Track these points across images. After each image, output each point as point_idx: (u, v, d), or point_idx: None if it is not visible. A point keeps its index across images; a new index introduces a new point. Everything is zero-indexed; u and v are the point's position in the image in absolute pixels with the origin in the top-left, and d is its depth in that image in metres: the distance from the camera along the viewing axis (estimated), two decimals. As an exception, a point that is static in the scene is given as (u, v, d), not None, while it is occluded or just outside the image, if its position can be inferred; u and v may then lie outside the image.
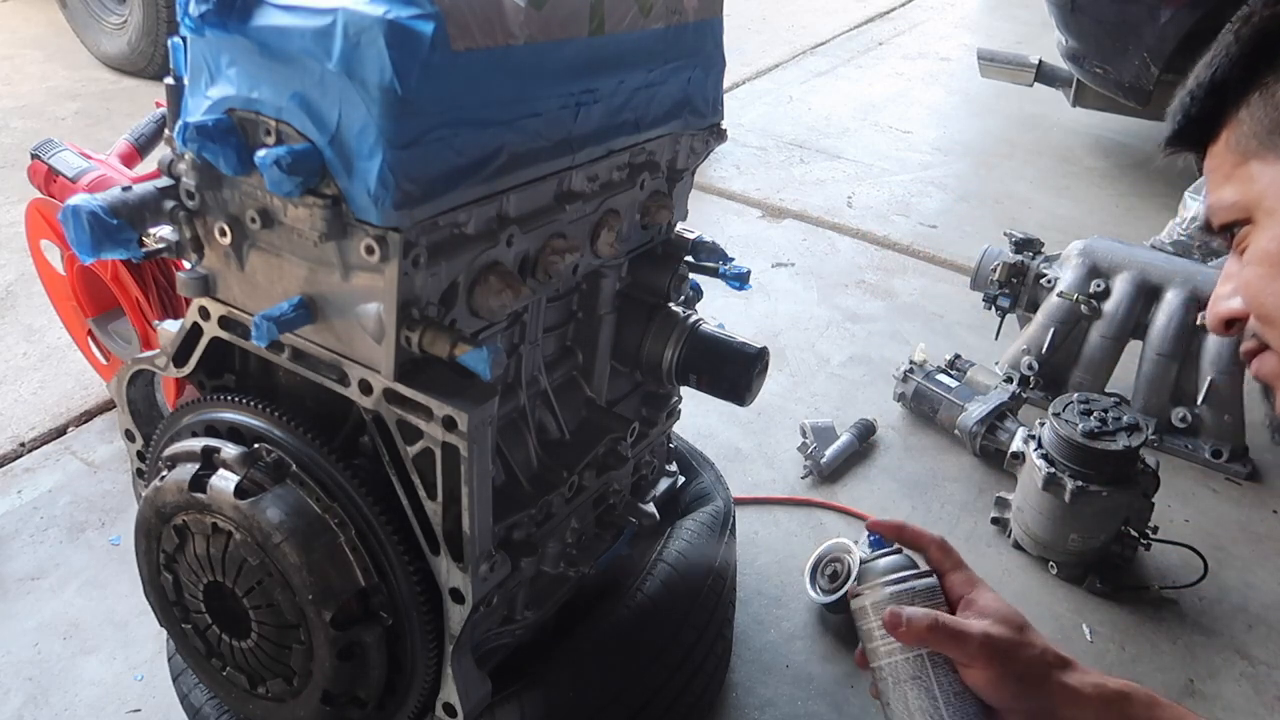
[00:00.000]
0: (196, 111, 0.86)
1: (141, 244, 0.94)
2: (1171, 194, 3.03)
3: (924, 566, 0.89)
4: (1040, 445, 1.77)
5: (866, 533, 0.93)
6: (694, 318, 1.27)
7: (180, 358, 1.06)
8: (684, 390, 1.36)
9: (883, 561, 0.89)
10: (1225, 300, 0.75)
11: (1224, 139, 0.72)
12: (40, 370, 2.21)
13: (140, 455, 1.18)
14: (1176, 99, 0.76)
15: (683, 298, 1.30)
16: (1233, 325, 0.75)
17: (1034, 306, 2.30)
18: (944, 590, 0.87)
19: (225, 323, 1.00)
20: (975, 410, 2.07)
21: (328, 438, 0.98)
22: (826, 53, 5.07)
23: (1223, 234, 0.74)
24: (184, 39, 0.88)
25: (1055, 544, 1.77)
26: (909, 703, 0.82)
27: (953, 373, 2.21)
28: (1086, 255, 2.23)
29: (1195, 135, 0.75)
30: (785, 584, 1.74)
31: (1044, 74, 3.61)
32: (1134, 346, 2.21)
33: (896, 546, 0.91)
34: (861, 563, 0.92)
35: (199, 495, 0.95)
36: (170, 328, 1.06)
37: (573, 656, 1.18)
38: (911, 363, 2.23)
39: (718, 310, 2.49)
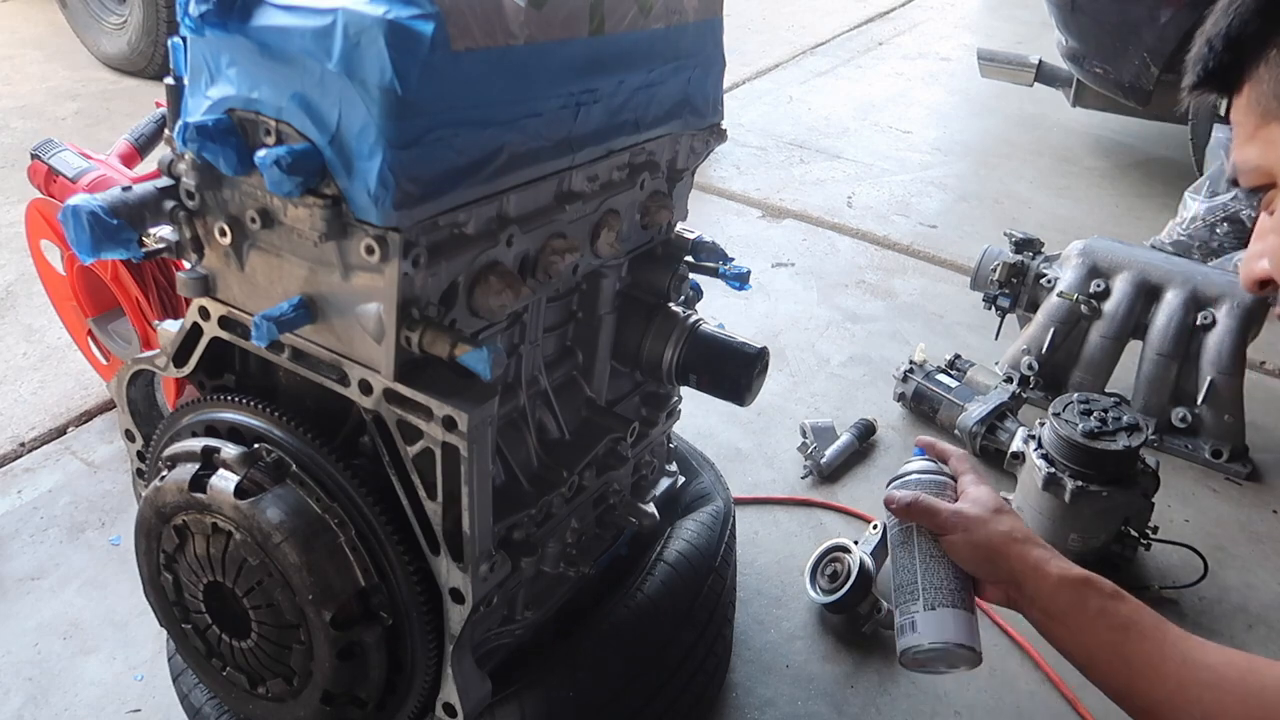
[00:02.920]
0: (196, 111, 0.86)
1: (141, 244, 0.94)
2: (1171, 194, 3.03)
3: (945, 470, 1.06)
4: (1040, 445, 1.77)
5: (914, 447, 1.11)
6: (694, 318, 1.27)
7: (180, 358, 1.06)
8: (684, 390, 1.36)
9: (912, 464, 1.07)
10: (1257, 260, 0.75)
11: (1246, 93, 0.70)
12: (40, 370, 2.21)
13: (140, 455, 1.18)
14: (1195, 46, 0.73)
15: (683, 298, 1.30)
16: (1265, 285, 0.76)
17: (1034, 306, 2.30)
18: (956, 487, 1.03)
19: (225, 323, 1.00)
20: (975, 410, 2.07)
21: (328, 438, 0.98)
22: (826, 53, 5.07)
23: (1250, 194, 0.74)
24: (184, 39, 0.88)
25: (1055, 544, 1.73)
26: (897, 563, 1.01)
27: (953, 373, 2.21)
28: (1086, 255, 2.23)
29: (1216, 86, 0.73)
30: (785, 584, 1.74)
31: (1044, 74, 3.61)
32: (1134, 346, 2.21)
33: (930, 457, 1.08)
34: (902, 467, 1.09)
35: (199, 495, 0.95)
36: (170, 328, 1.06)
37: (573, 656, 1.18)
38: (911, 363, 2.23)
39: (718, 310, 2.50)
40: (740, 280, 1.31)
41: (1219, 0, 0.71)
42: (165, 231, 0.96)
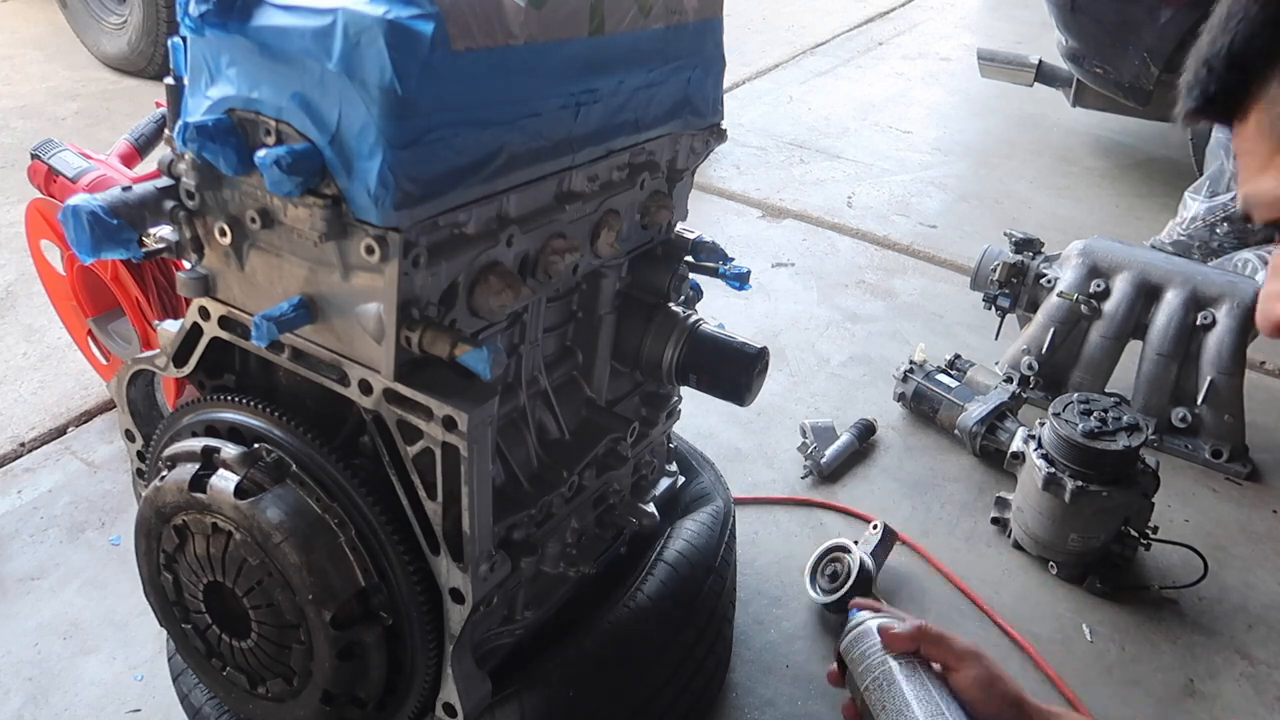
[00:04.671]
0: (196, 111, 0.86)
1: (141, 244, 0.94)
2: (1171, 194, 3.03)
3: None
4: (1040, 445, 1.77)
5: (849, 609, 1.02)
6: (694, 318, 1.27)
7: (180, 358, 1.06)
8: (684, 390, 1.36)
9: (861, 615, 0.99)
10: (1278, 300, 0.66)
11: (1254, 119, 0.61)
12: (40, 370, 2.21)
13: (140, 455, 1.18)
14: (1190, 68, 0.64)
15: (683, 298, 1.30)
16: None
17: (1034, 306, 2.30)
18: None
19: (225, 323, 1.00)
20: (975, 410, 2.07)
21: (328, 438, 0.98)
22: (826, 53, 5.07)
23: (1265, 227, 0.65)
24: (184, 39, 0.88)
25: (1055, 544, 1.77)
26: (904, 694, 0.88)
27: (953, 373, 2.21)
28: (1086, 255, 2.23)
29: (1218, 113, 0.64)
30: (785, 584, 1.74)
31: (1044, 74, 3.61)
32: (1134, 346, 2.21)
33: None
34: (845, 632, 1.00)
35: (199, 495, 0.95)
36: (170, 328, 1.06)
37: (573, 656, 1.18)
38: (911, 363, 2.23)
39: (718, 310, 2.49)
40: (740, 280, 1.31)
41: (1214, 16, 0.62)
42: (165, 231, 0.96)
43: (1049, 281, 2.27)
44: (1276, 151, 0.60)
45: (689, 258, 1.31)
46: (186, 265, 0.99)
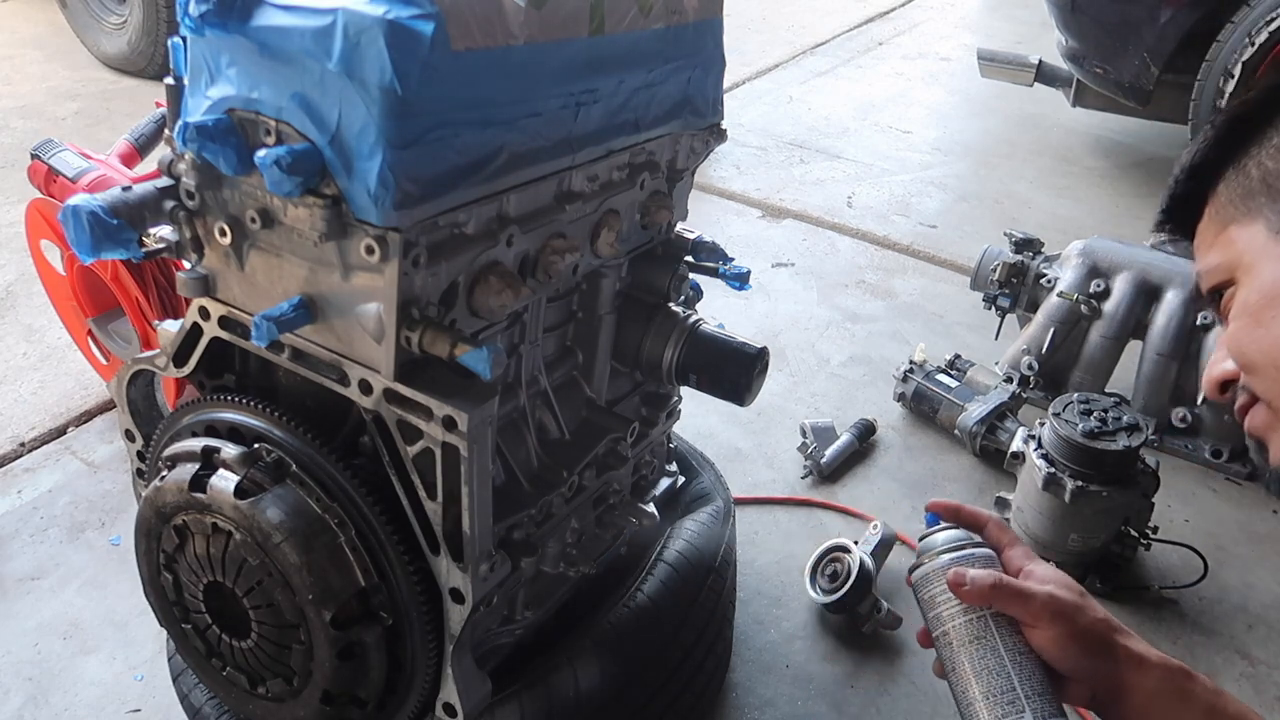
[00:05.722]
0: (196, 111, 0.86)
1: (141, 244, 0.94)
2: (1171, 194, 3.02)
3: (980, 540, 0.91)
4: (1040, 445, 1.77)
5: (926, 512, 0.95)
6: (694, 318, 1.27)
7: (180, 358, 1.06)
8: (684, 390, 1.36)
9: (942, 535, 0.90)
10: (1219, 364, 0.78)
11: (1207, 214, 0.79)
12: (40, 370, 2.21)
13: (140, 455, 1.18)
14: (1166, 187, 0.84)
15: (683, 298, 1.30)
16: (1227, 388, 0.78)
17: (1034, 306, 2.30)
18: (1002, 564, 0.89)
19: (225, 323, 1.00)
20: (975, 410, 2.07)
21: (328, 438, 0.98)
22: (826, 53, 5.07)
23: (1212, 301, 0.78)
24: (184, 39, 0.88)
25: (1055, 544, 1.77)
26: (975, 663, 0.82)
27: (953, 373, 2.21)
28: (1086, 255, 2.23)
29: (1182, 215, 0.82)
30: (785, 584, 1.74)
31: (1044, 74, 3.61)
32: (1134, 346, 2.21)
33: (950, 524, 0.92)
34: (921, 538, 0.92)
35: (199, 495, 0.95)
36: (170, 328, 1.06)
37: (573, 656, 1.18)
38: (911, 363, 2.23)
39: (718, 310, 2.50)
40: (740, 280, 1.31)
41: (1187, 148, 0.82)
42: (165, 231, 0.96)
43: (1049, 281, 2.27)
44: (1219, 232, 0.77)
45: (689, 258, 1.31)
46: (186, 265, 0.99)
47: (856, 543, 1.68)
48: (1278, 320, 0.70)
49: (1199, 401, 2.11)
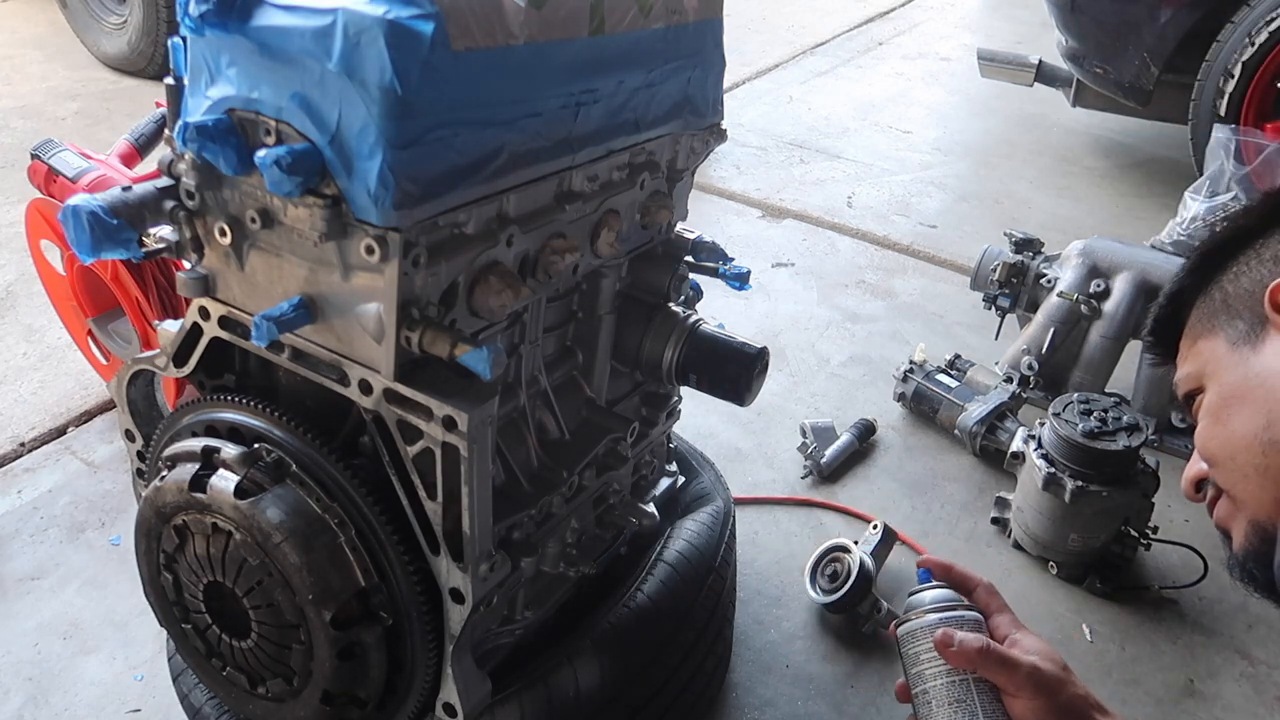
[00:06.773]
0: (196, 111, 0.86)
1: (141, 244, 0.94)
2: (1171, 194, 3.02)
3: (968, 603, 0.92)
4: (1040, 445, 1.77)
5: (917, 568, 0.96)
6: (694, 318, 1.27)
7: (180, 358, 1.06)
8: (684, 390, 1.36)
9: (931, 593, 0.91)
10: (1193, 466, 0.86)
11: (1185, 333, 0.89)
12: (40, 370, 2.21)
13: (140, 455, 1.18)
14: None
15: (683, 298, 1.30)
16: (1201, 488, 0.85)
17: (1034, 306, 2.30)
18: (989, 630, 0.89)
19: (225, 323, 1.00)
20: (975, 410, 2.07)
21: (328, 438, 0.98)
22: (826, 53, 5.07)
23: (1187, 406, 0.87)
24: (184, 39, 0.88)
25: (1055, 544, 1.77)
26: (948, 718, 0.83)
27: (953, 373, 2.21)
28: (1086, 255, 2.23)
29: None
30: (785, 584, 1.74)
31: (1044, 74, 3.61)
32: (1134, 346, 2.21)
33: (940, 583, 0.93)
34: (910, 594, 0.93)
35: (199, 495, 0.95)
36: (170, 328, 1.06)
37: (573, 656, 1.18)
38: (911, 363, 2.23)
39: (718, 310, 2.50)
40: (740, 280, 1.31)
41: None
42: (165, 231, 0.96)
43: (1049, 281, 2.27)
44: (1191, 346, 0.86)
45: (689, 258, 1.31)
46: (186, 265, 0.99)
47: (856, 543, 1.68)
48: (1234, 418, 0.78)
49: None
